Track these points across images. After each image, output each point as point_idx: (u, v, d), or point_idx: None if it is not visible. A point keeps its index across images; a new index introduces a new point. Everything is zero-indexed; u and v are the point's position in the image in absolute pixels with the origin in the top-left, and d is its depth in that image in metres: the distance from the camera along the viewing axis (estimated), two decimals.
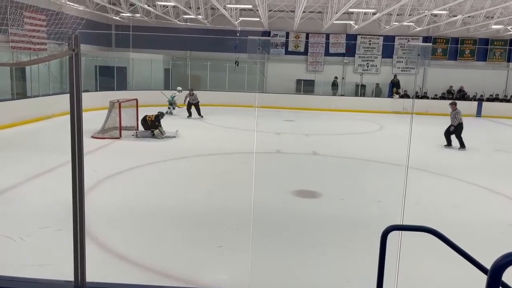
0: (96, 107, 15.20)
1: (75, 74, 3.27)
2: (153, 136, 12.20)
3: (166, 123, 13.15)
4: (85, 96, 3.39)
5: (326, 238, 5.67)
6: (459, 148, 12.42)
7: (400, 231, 3.29)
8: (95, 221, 5.63)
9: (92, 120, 12.25)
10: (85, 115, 3.45)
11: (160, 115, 12.54)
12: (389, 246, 2.63)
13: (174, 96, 17.93)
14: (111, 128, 12.34)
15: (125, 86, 20.13)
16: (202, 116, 17.04)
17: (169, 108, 17.72)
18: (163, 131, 12.36)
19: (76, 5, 17.43)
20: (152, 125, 12.26)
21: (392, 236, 2.64)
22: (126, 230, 5.66)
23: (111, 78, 19.61)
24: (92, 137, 11.60)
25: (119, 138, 11.85)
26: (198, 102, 17.34)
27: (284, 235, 5.66)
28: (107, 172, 8.17)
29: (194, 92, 17.44)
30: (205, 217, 6.20)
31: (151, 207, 6.51)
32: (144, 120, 12.38)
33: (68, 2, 16.26)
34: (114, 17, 21.63)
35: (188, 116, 17.10)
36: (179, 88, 18.65)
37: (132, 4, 18.94)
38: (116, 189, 7.45)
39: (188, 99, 17.25)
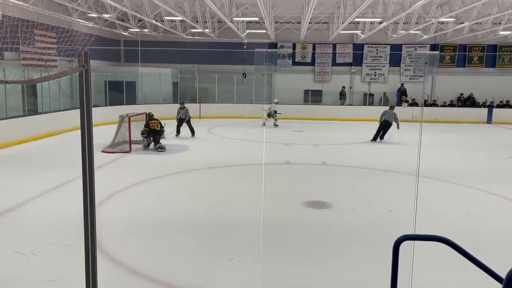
0: (106, 121, 15.38)
1: (85, 90, 3.33)
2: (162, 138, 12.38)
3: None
4: (95, 111, 3.42)
5: (338, 249, 5.62)
6: (378, 141, 14.71)
7: (413, 241, 3.25)
8: (106, 235, 5.65)
9: (102, 135, 12.38)
10: (95, 130, 3.49)
11: (152, 115, 12.61)
12: (401, 256, 2.60)
13: (271, 108, 18.29)
14: (121, 142, 12.45)
15: (134, 100, 20.34)
16: (193, 135, 14.77)
17: (275, 119, 18.22)
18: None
19: (86, 22, 17.75)
20: (161, 128, 12.35)
21: (405, 245, 2.61)
22: (137, 243, 5.67)
23: (120, 92, 19.83)
24: (103, 151, 11.70)
25: (129, 152, 11.94)
26: (190, 118, 14.93)
27: (295, 247, 5.62)
28: (117, 186, 8.21)
29: (186, 105, 15.05)
30: (216, 230, 6.19)
31: (161, 220, 6.52)
32: (150, 130, 12.09)
33: (78, 19, 16.57)
34: (122, 33, 21.95)
35: (176, 135, 14.69)
36: (275, 100, 18.94)
37: (140, 20, 19.24)
38: (126, 203, 7.48)
39: (179, 114, 14.88)
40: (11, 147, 12.12)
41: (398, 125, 14.82)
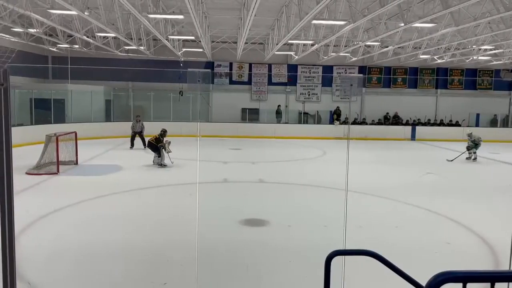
0: (31, 141, 14.41)
1: (4, 109, 3.11)
2: (159, 156, 12.78)
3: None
4: (19, 130, 3.23)
5: (273, 267, 5.65)
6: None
7: (344, 256, 3.35)
8: (28, 265, 5.23)
9: (27, 156, 11.59)
10: (19, 150, 3.27)
11: (164, 132, 13.22)
12: (334, 270, 2.67)
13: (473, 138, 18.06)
14: (47, 163, 11.70)
15: (63, 118, 19.34)
16: (145, 147, 15.77)
17: (474, 152, 17.69)
18: (168, 149, 13.01)
19: (10, 37, 16.71)
20: (157, 141, 12.77)
21: (337, 260, 2.69)
22: (63, 272, 5.30)
23: (47, 111, 18.78)
24: (27, 173, 10.93)
25: (56, 173, 11.26)
26: (142, 131, 16.68)
27: (231, 268, 5.57)
28: (41, 211, 7.67)
29: (140, 119, 16.99)
30: (148, 254, 5.96)
31: (89, 247, 6.16)
32: (150, 143, 12.96)
33: (1, 34, 15.55)
34: (50, 49, 20.94)
35: (130, 147, 16.78)
36: (468, 131, 18.76)
37: (70, 35, 18.47)
38: (51, 229, 7.00)
39: (135, 127, 16.78)
40: None
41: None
